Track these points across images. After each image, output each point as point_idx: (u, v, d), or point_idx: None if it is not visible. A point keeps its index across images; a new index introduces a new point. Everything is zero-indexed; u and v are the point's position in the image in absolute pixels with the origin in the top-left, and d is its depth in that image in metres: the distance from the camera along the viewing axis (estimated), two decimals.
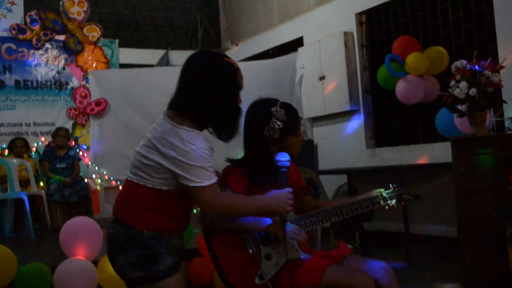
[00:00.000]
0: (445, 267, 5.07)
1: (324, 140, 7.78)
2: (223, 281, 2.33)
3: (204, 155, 2.13)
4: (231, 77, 2.25)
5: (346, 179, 6.87)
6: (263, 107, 2.52)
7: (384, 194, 2.56)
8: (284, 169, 2.37)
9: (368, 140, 7.10)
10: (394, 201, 2.58)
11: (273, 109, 2.47)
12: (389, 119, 6.98)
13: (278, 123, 2.45)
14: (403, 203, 2.66)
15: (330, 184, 7.36)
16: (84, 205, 7.76)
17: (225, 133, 2.27)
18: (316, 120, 7.87)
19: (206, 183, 2.13)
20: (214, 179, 2.16)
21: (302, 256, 2.41)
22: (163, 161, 2.13)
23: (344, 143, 7.38)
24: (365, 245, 5.40)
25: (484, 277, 4.16)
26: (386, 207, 2.57)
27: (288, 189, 2.34)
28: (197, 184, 2.12)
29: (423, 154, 6.20)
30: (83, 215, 7.69)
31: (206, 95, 2.18)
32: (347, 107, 7.14)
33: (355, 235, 5.62)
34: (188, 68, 2.26)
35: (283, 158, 2.38)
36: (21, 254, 5.21)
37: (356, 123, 7.22)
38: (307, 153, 7.73)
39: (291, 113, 2.52)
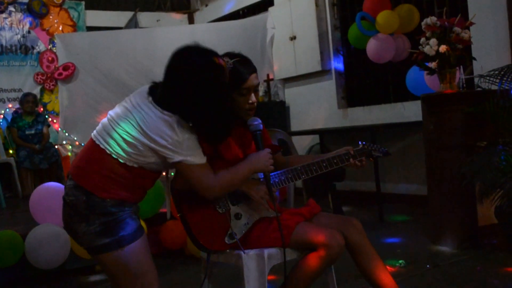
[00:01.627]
0: (414, 225, 5.15)
1: (296, 101, 7.75)
2: (193, 242, 2.31)
3: (194, 144, 2.14)
4: (220, 80, 2.15)
5: (319, 139, 6.88)
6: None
7: (352, 151, 2.56)
8: (258, 132, 2.39)
9: (340, 100, 7.09)
10: (363, 157, 2.58)
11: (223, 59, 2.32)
12: (360, 79, 6.97)
13: None
14: (371, 159, 2.67)
15: (302, 145, 7.38)
16: (55, 172, 7.67)
17: (213, 137, 2.23)
18: (288, 81, 7.83)
19: (200, 161, 2.15)
20: (204, 159, 2.17)
21: (271, 215, 2.39)
22: (152, 144, 2.10)
23: (316, 104, 7.36)
24: (337, 204, 5.46)
25: (452, 233, 4.24)
26: (358, 163, 2.57)
27: (267, 149, 2.36)
28: (192, 161, 2.14)
29: (395, 113, 6.22)
30: (54, 181, 7.63)
31: (194, 100, 2.11)
32: (318, 67, 7.10)
33: (328, 195, 5.67)
34: (175, 67, 2.15)
35: (255, 122, 2.39)
36: None
37: (327, 84, 7.18)
38: (279, 114, 7.72)
39: (240, 68, 2.34)
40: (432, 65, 4.24)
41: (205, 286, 2.50)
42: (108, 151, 2.14)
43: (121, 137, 2.13)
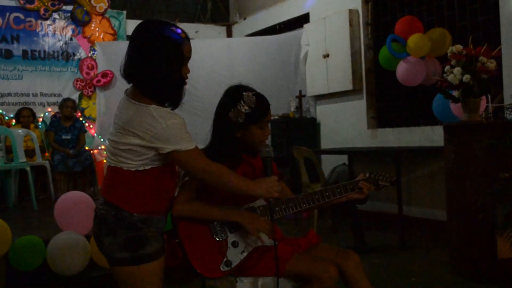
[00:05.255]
0: (435, 252, 5.08)
1: (327, 119, 7.75)
2: (189, 268, 2.36)
3: (180, 128, 2.18)
4: (176, 47, 2.24)
5: (347, 159, 6.87)
6: (237, 91, 2.52)
7: (358, 181, 2.60)
8: (269, 158, 2.45)
9: (369, 120, 7.06)
10: (367, 187, 2.62)
11: (245, 93, 2.48)
12: (391, 100, 6.93)
13: (246, 107, 2.45)
14: (375, 188, 2.68)
15: (330, 163, 7.38)
16: (89, 176, 7.86)
17: (168, 102, 2.29)
18: (320, 98, 7.83)
19: (190, 147, 2.20)
20: (194, 144, 2.22)
21: (268, 244, 2.43)
22: (141, 142, 2.17)
23: (346, 123, 7.35)
24: (358, 226, 5.42)
25: (471, 263, 4.18)
26: (363, 192, 2.61)
27: (275, 177, 2.40)
28: (182, 148, 2.18)
29: (423, 137, 6.16)
30: (87, 185, 7.84)
31: (151, 63, 2.19)
32: (349, 86, 7.08)
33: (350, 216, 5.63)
34: (136, 37, 2.27)
35: (267, 148, 2.47)
36: (20, 225, 5.35)
37: (358, 103, 7.16)
38: (310, 130, 7.74)
39: (262, 103, 2.50)
40: (456, 93, 4.20)
41: None
42: (118, 166, 2.24)
43: (118, 149, 2.23)
